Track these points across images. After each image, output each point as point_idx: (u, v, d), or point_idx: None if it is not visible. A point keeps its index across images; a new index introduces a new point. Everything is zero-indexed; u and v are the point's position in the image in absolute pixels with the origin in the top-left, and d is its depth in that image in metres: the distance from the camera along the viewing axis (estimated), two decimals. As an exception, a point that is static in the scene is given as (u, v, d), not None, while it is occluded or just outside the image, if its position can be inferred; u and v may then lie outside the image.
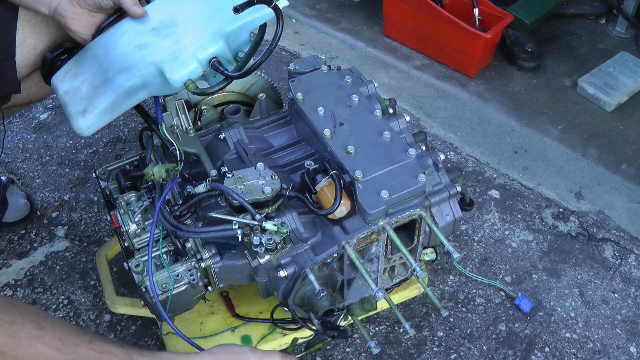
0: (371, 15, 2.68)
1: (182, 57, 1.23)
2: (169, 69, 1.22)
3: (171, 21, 1.29)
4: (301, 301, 1.36)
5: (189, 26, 1.28)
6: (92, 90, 1.29)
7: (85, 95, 1.30)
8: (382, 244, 1.35)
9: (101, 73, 1.29)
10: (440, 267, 1.79)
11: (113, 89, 1.27)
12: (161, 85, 1.26)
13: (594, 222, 1.92)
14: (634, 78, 2.30)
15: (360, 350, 1.61)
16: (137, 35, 1.29)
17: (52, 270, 1.79)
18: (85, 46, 1.36)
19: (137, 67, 1.25)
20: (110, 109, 1.29)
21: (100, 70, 1.29)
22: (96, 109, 1.28)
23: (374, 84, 1.56)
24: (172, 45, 1.25)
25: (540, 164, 2.09)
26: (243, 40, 1.30)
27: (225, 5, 1.28)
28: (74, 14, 1.32)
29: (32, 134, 2.17)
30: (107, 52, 1.30)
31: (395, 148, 1.38)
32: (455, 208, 1.46)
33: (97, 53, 1.32)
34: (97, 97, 1.28)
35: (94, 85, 1.29)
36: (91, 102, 1.28)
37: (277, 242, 1.23)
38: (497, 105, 2.30)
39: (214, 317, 1.59)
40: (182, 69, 1.22)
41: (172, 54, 1.24)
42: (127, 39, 1.30)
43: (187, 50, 1.23)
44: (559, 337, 1.66)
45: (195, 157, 1.47)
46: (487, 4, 2.36)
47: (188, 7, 1.32)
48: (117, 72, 1.26)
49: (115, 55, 1.28)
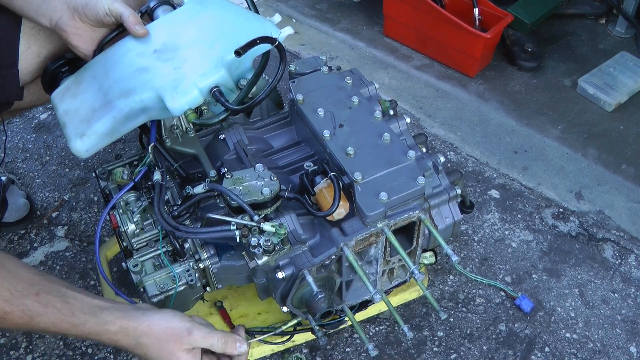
0: (371, 15, 2.68)
1: (183, 85, 1.22)
2: (169, 97, 1.22)
3: (173, 44, 1.28)
4: (299, 303, 1.36)
5: (190, 52, 1.27)
6: (91, 113, 1.28)
7: (84, 117, 1.28)
8: (380, 246, 1.35)
9: (101, 95, 1.28)
10: (440, 267, 1.79)
11: (112, 114, 1.26)
12: (161, 110, 1.26)
13: (594, 222, 1.92)
14: (634, 78, 2.30)
15: (360, 350, 1.62)
16: (139, 57, 1.29)
17: (52, 270, 1.79)
18: (86, 64, 1.35)
19: (137, 92, 1.24)
20: (109, 133, 1.28)
21: (100, 92, 1.28)
22: (95, 133, 1.27)
23: (374, 85, 1.56)
24: (173, 71, 1.24)
25: (540, 164, 2.09)
26: (246, 67, 1.30)
27: (228, 30, 1.29)
28: (75, 28, 1.32)
29: (32, 134, 2.17)
30: (107, 72, 1.29)
31: (395, 150, 1.38)
32: (454, 210, 1.46)
33: (97, 73, 1.31)
34: (96, 120, 1.27)
35: (93, 107, 1.28)
36: (90, 125, 1.27)
37: (275, 243, 1.23)
38: (497, 105, 2.30)
39: (213, 318, 1.59)
40: (183, 98, 1.22)
41: (173, 81, 1.23)
42: (128, 60, 1.29)
43: (188, 79, 1.23)
44: (559, 337, 1.66)
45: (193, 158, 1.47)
46: (487, 4, 2.35)
47: (190, 30, 1.31)
48: (117, 95, 1.26)
49: (116, 77, 1.28)
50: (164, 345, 1.16)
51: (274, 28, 1.30)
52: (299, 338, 1.58)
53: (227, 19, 1.33)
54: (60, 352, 1.62)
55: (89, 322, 1.14)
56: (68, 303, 1.13)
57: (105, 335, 1.15)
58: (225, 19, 1.33)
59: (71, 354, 1.62)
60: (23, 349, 1.63)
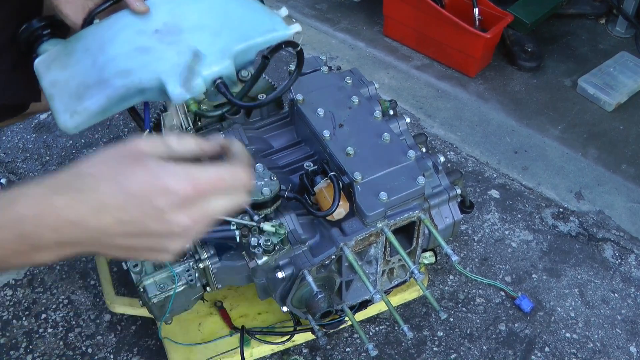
0: (371, 15, 2.68)
1: (186, 73, 1.18)
2: (171, 83, 1.16)
3: (176, 26, 1.22)
4: (299, 303, 1.36)
5: (195, 37, 1.21)
6: (84, 89, 1.21)
7: (74, 92, 1.21)
8: (380, 246, 1.35)
9: (95, 71, 1.21)
10: (440, 267, 1.79)
11: (107, 93, 1.20)
12: (159, 94, 1.21)
13: (594, 222, 1.92)
14: (634, 78, 2.30)
15: (360, 350, 1.62)
16: (138, 35, 1.21)
17: (52, 270, 1.79)
18: (77, 34, 1.26)
19: (136, 73, 1.18)
20: (101, 112, 1.22)
21: (94, 68, 1.21)
22: (86, 110, 1.21)
23: (374, 85, 1.56)
24: (176, 56, 1.18)
25: (540, 164, 2.09)
26: (249, 59, 1.26)
27: (234, 19, 1.24)
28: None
29: (32, 134, 2.17)
30: (103, 47, 1.21)
31: (395, 150, 1.38)
32: (454, 210, 1.46)
33: (90, 45, 1.23)
34: (89, 98, 1.20)
35: (85, 83, 1.21)
36: (81, 102, 1.21)
37: (275, 243, 1.23)
38: (497, 105, 2.30)
39: (213, 318, 1.60)
40: (185, 86, 1.18)
41: (175, 66, 1.17)
42: (126, 37, 1.21)
43: (192, 66, 1.18)
44: (559, 337, 1.66)
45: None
46: (487, 4, 2.35)
47: (194, 13, 1.24)
48: (114, 74, 1.19)
49: (113, 54, 1.21)
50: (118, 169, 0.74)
51: (281, 24, 1.28)
52: (299, 338, 1.58)
53: (233, 6, 1.27)
54: (60, 352, 1.62)
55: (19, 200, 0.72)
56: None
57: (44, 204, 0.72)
58: (231, 6, 1.27)
59: (71, 354, 1.62)
60: (23, 349, 1.63)
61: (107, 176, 0.72)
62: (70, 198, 0.71)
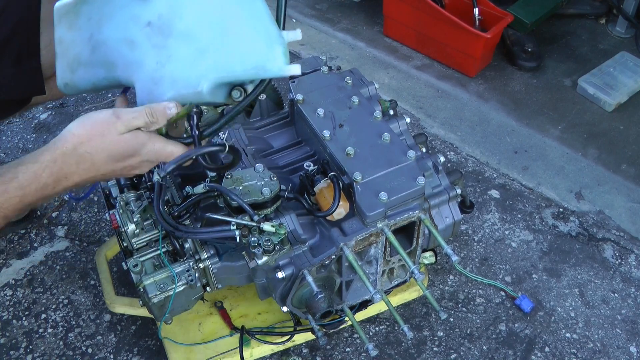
0: (371, 15, 2.68)
1: (159, 89, 1.17)
2: (143, 91, 1.19)
3: (167, 24, 1.16)
4: (299, 303, 1.36)
5: (180, 48, 1.16)
6: (77, 64, 1.24)
7: (70, 63, 1.25)
8: (380, 246, 1.35)
9: (88, 48, 1.23)
10: (440, 267, 1.79)
11: (93, 80, 1.24)
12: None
13: (594, 222, 1.92)
14: (634, 78, 2.30)
15: (360, 350, 1.62)
16: (132, 21, 1.19)
17: (52, 270, 1.79)
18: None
19: (117, 70, 1.21)
20: (90, 90, 1.28)
21: (89, 43, 1.23)
22: (76, 86, 1.27)
23: (374, 85, 1.56)
24: (155, 65, 1.17)
25: (540, 164, 2.09)
26: (223, 94, 1.20)
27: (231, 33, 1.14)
28: None
29: (32, 133, 2.17)
30: (100, 22, 1.21)
31: (395, 150, 1.38)
32: (454, 210, 1.46)
33: (93, 15, 1.23)
34: (79, 77, 1.25)
35: (79, 59, 1.24)
36: (73, 77, 1.26)
37: (275, 243, 1.23)
38: (497, 105, 2.30)
39: (213, 318, 1.60)
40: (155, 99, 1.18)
41: (150, 80, 1.18)
42: (121, 20, 1.20)
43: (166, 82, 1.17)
44: (559, 337, 1.66)
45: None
46: (487, 4, 2.35)
47: (192, 11, 1.16)
48: (100, 62, 1.22)
49: (106, 36, 1.22)
50: (102, 140, 1.10)
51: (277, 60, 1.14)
52: (299, 338, 1.58)
53: (235, 17, 1.15)
54: (60, 352, 1.62)
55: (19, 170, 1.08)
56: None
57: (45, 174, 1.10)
58: (234, 16, 1.15)
59: (71, 354, 1.62)
60: (23, 349, 1.63)
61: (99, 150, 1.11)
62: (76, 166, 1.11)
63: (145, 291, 1.31)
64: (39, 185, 1.09)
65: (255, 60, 1.14)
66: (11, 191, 1.07)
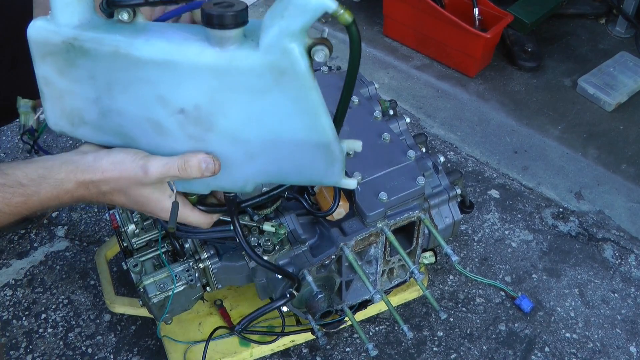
0: (371, 15, 2.68)
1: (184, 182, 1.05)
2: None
3: (208, 119, 0.96)
4: (299, 302, 1.36)
5: (225, 145, 1.00)
6: (79, 121, 1.06)
7: (68, 114, 1.06)
8: (380, 246, 1.35)
9: (95, 110, 1.03)
10: (440, 267, 1.79)
11: (101, 141, 1.07)
12: None
13: (594, 222, 1.92)
14: (634, 78, 2.30)
15: (360, 350, 1.62)
16: (158, 104, 0.97)
17: (52, 270, 1.79)
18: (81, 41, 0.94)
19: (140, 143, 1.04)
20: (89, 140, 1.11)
21: (95, 105, 1.02)
22: (78, 138, 1.09)
23: (374, 85, 1.56)
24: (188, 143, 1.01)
25: (540, 163, 2.09)
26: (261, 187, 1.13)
27: (281, 144, 0.99)
28: None
29: (33, 134, 2.17)
30: (110, 87, 0.98)
31: (395, 150, 1.38)
32: (454, 210, 1.46)
33: (97, 75, 0.98)
34: (82, 132, 1.08)
35: (82, 116, 1.05)
36: (73, 131, 1.07)
37: (275, 243, 1.23)
38: (497, 105, 2.30)
39: (213, 318, 1.59)
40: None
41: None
42: (143, 97, 0.97)
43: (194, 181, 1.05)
44: (559, 337, 1.66)
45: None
46: (487, 4, 2.35)
47: (238, 113, 0.95)
48: (113, 130, 1.05)
49: (121, 107, 1.00)
50: (127, 191, 1.04)
51: (333, 177, 1.04)
52: (299, 338, 1.58)
53: (290, 119, 0.96)
54: (60, 352, 1.62)
55: (42, 187, 1.02)
56: (8, 175, 1.01)
57: (66, 196, 1.04)
58: (288, 116, 0.95)
59: (71, 354, 1.62)
60: (23, 349, 1.63)
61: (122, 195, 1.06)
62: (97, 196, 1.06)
63: (145, 291, 1.31)
64: (58, 203, 1.07)
65: (311, 175, 1.04)
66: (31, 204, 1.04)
